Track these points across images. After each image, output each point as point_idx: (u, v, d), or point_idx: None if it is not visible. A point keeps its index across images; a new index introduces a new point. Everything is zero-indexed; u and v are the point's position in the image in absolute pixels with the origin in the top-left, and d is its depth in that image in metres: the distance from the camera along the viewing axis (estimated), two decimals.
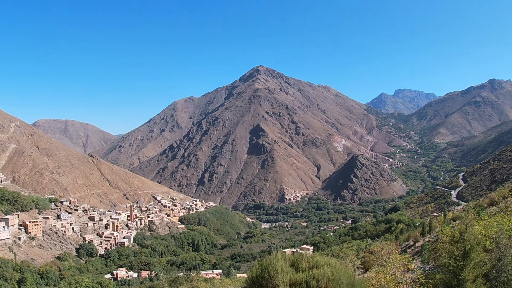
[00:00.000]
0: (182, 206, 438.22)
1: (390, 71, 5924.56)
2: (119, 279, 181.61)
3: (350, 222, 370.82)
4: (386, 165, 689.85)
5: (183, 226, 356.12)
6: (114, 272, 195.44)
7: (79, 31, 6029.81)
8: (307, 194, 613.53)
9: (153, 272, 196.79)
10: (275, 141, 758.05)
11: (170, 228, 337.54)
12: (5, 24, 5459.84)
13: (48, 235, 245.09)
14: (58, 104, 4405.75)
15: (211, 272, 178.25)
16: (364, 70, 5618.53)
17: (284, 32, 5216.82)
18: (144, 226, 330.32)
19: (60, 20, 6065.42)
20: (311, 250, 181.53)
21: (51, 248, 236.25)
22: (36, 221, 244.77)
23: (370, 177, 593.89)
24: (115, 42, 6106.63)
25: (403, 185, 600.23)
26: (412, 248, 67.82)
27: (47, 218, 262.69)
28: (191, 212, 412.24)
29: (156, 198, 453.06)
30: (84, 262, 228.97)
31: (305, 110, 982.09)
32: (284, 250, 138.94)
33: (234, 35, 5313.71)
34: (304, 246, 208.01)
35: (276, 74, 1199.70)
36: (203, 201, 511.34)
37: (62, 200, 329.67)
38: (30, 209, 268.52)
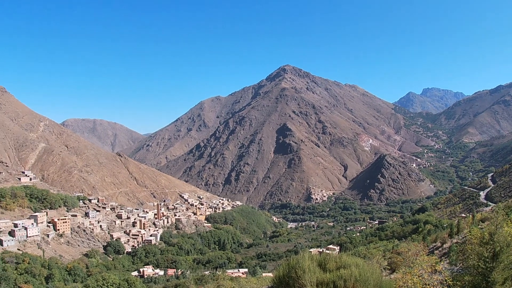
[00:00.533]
0: (209, 205, 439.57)
1: (418, 69, 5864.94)
2: (145, 276, 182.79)
3: (377, 222, 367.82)
4: (414, 165, 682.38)
5: (210, 224, 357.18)
6: (141, 269, 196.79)
7: (108, 31, 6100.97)
8: (333, 194, 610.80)
9: (179, 270, 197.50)
10: (302, 140, 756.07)
11: (196, 227, 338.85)
12: (35, 25, 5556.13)
13: (76, 232, 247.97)
14: (87, 104, 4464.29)
15: (237, 271, 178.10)
16: (392, 69, 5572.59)
17: (311, 31, 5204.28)
18: (171, 225, 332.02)
19: (90, 20, 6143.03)
20: (337, 250, 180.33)
21: (79, 245, 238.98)
22: (65, 219, 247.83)
23: (397, 177, 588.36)
24: (143, 42, 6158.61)
25: (431, 185, 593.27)
26: (440, 249, 66.76)
27: (76, 215, 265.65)
28: (217, 211, 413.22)
29: (183, 197, 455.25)
30: (111, 259, 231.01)
31: (332, 109, 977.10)
32: (310, 250, 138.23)
33: (261, 34, 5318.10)
34: (331, 246, 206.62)
35: (302, 73, 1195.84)
36: (229, 200, 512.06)
37: (90, 198, 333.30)
38: (59, 206, 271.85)
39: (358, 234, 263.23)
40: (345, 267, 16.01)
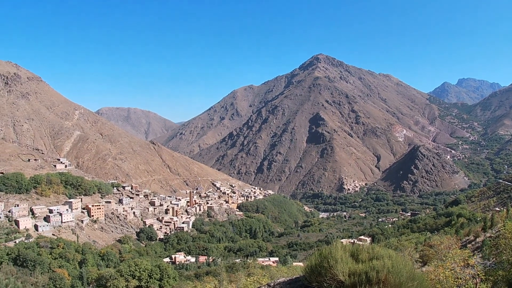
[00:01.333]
0: (241, 193, 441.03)
1: (453, 59, 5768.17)
2: (177, 263, 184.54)
3: (409, 214, 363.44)
4: (448, 156, 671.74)
5: (241, 213, 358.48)
6: (173, 256, 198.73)
7: (143, 21, 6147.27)
8: (366, 184, 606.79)
9: (210, 258, 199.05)
10: (334, 130, 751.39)
11: (228, 215, 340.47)
12: (70, 14, 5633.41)
13: (110, 218, 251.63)
14: (121, 92, 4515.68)
15: (267, 259, 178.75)
16: (427, 58, 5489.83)
17: (344, 20, 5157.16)
18: (203, 212, 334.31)
19: (123, 9, 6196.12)
20: (369, 242, 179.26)
21: (112, 231, 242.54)
22: (99, 205, 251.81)
23: (431, 168, 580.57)
24: (178, 31, 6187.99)
25: (465, 177, 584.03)
26: (473, 243, 65.61)
27: (109, 202, 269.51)
28: (249, 199, 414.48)
29: (215, 185, 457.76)
30: (144, 245, 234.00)
31: (366, 99, 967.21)
32: (341, 241, 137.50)
33: (295, 23, 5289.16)
34: (362, 237, 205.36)
35: (336, 62, 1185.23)
36: (261, 189, 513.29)
37: (124, 185, 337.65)
38: (93, 193, 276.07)
39: (390, 225, 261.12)
40: (377, 258, 15.62)
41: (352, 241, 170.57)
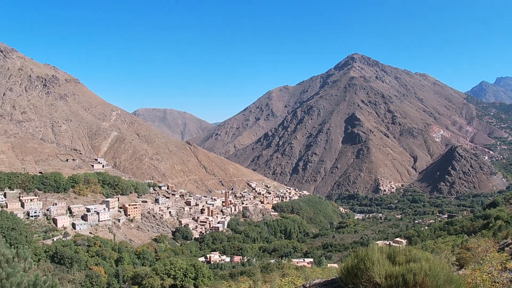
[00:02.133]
0: (276, 193, 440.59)
1: (491, 58, 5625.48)
2: (212, 262, 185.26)
3: (446, 216, 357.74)
4: (486, 157, 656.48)
5: (276, 213, 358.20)
6: (208, 255, 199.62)
7: (178, 21, 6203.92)
8: (402, 185, 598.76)
9: (245, 257, 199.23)
10: (370, 130, 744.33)
11: (263, 215, 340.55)
12: (106, 16, 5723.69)
13: (146, 217, 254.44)
14: (158, 94, 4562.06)
15: (302, 260, 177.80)
16: (464, 57, 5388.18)
17: (380, 19, 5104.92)
18: (238, 212, 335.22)
19: (159, 9, 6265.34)
20: (405, 244, 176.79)
21: (148, 230, 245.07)
22: (135, 204, 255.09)
23: (468, 169, 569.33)
24: (213, 32, 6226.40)
25: (503, 179, 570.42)
26: (510, 246, 63.70)
27: (146, 201, 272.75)
28: (284, 200, 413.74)
29: (250, 185, 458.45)
30: (179, 244, 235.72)
31: (402, 98, 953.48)
32: (377, 242, 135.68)
33: (329, 22, 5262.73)
34: (398, 239, 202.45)
35: (371, 62, 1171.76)
36: (296, 190, 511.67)
37: (160, 185, 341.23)
38: (130, 193, 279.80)
39: (426, 227, 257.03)
40: (415, 260, 15.44)
41: (388, 243, 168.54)
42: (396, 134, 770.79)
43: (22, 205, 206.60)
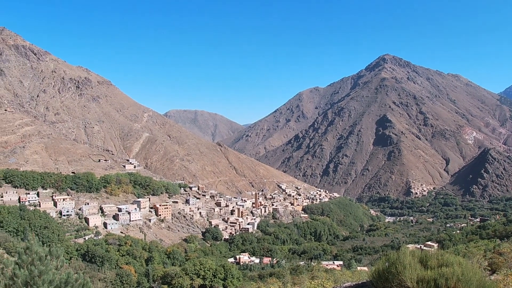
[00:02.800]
0: (306, 195, 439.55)
1: None
2: (241, 263, 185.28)
3: (478, 220, 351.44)
4: None
5: (306, 215, 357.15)
6: (237, 256, 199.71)
7: (209, 22, 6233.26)
8: (434, 188, 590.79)
9: (274, 259, 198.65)
10: (402, 132, 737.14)
11: (293, 217, 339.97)
12: (139, 18, 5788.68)
13: (176, 218, 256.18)
14: (189, 95, 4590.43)
15: (331, 263, 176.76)
16: (497, 57, 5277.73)
17: (411, 19, 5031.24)
18: (268, 214, 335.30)
19: (189, 11, 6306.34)
20: (436, 248, 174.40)
21: (178, 231, 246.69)
22: (166, 205, 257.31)
23: (502, 172, 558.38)
24: (244, 33, 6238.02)
25: None
26: None
27: (176, 202, 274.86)
28: (314, 202, 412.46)
29: (280, 187, 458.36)
30: (209, 245, 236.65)
31: (434, 100, 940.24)
32: (408, 246, 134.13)
33: (360, 23, 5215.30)
34: (429, 242, 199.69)
35: (403, 63, 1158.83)
36: (327, 192, 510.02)
37: (191, 185, 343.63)
38: (161, 193, 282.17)
39: (458, 231, 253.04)
40: (447, 265, 15.30)
41: (419, 246, 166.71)
42: (428, 136, 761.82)
43: (55, 204, 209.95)
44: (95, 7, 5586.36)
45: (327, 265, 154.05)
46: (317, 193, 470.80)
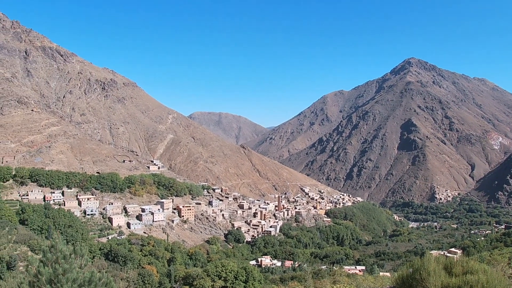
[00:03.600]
0: (329, 199, 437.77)
1: None
2: (263, 266, 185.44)
3: (503, 227, 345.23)
4: None
5: (329, 219, 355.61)
6: (259, 259, 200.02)
7: (233, 24, 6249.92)
8: (459, 194, 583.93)
9: (296, 262, 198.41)
10: (427, 137, 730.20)
11: (316, 221, 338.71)
12: (163, 21, 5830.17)
13: (199, 219, 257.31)
14: (213, 97, 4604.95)
15: (354, 267, 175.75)
16: None
17: (437, 22, 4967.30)
18: (290, 217, 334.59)
19: (214, 13, 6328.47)
20: (459, 254, 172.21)
21: (201, 232, 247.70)
22: (189, 206, 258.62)
23: None
24: (268, 34, 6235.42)
25: None
26: None
27: (199, 203, 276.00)
28: (337, 206, 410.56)
29: (303, 190, 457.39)
30: (231, 247, 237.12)
31: (460, 104, 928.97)
32: (431, 252, 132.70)
33: (385, 26, 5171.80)
34: (452, 249, 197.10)
35: (428, 66, 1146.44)
36: (350, 196, 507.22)
37: (214, 187, 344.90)
38: (184, 194, 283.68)
39: (482, 238, 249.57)
40: (472, 272, 15.29)
41: (442, 253, 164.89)
42: (453, 141, 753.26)
43: (79, 204, 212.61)
44: (122, 9, 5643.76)
45: (349, 270, 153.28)
46: (340, 197, 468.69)
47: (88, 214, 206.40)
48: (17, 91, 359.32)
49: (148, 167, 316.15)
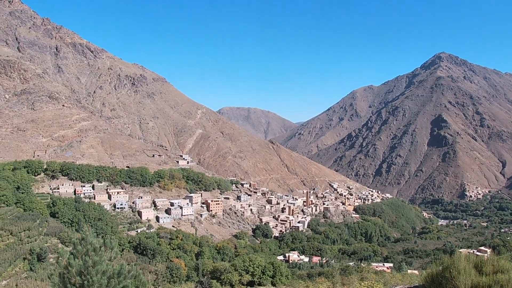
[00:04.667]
0: (358, 195, 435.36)
1: None
2: (290, 261, 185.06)
3: None
4: None
5: (358, 215, 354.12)
6: (287, 254, 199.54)
7: (263, 18, 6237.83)
8: (489, 192, 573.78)
9: (324, 258, 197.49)
10: (457, 133, 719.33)
11: (344, 217, 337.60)
12: (195, 18, 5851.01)
13: (227, 214, 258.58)
14: (242, 92, 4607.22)
15: (381, 264, 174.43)
16: None
17: (468, 16, 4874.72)
18: (319, 213, 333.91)
19: (243, 8, 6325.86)
20: (489, 253, 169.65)
21: (229, 227, 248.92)
22: (218, 201, 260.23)
23: None
24: (297, 29, 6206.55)
25: None
26: None
27: (228, 198, 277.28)
28: (366, 202, 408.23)
29: (332, 186, 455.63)
30: (259, 242, 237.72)
31: (491, 100, 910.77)
32: (460, 250, 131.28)
33: (415, 20, 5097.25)
34: (482, 248, 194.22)
35: (459, 61, 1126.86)
36: (379, 192, 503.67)
37: (242, 182, 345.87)
38: (213, 189, 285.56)
39: None
40: (502, 271, 15.18)
41: (472, 251, 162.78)
42: (484, 138, 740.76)
43: (109, 197, 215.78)
44: (152, 4, 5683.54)
45: (377, 267, 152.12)
46: (369, 193, 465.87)
47: (118, 208, 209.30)
48: (48, 86, 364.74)
49: (177, 162, 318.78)
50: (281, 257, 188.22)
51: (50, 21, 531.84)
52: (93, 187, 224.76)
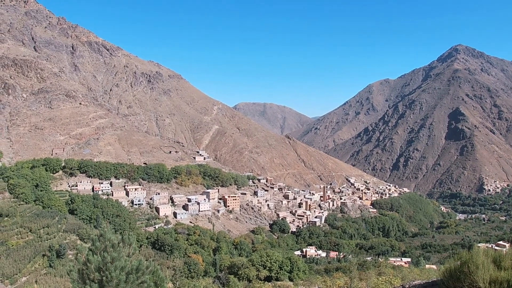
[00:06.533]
0: (375, 190, 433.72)
1: None
2: (307, 256, 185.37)
3: None
4: None
5: (375, 210, 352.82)
6: (304, 249, 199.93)
7: (276, 11, 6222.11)
8: (508, 185, 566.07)
9: (341, 253, 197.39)
10: (475, 126, 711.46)
11: (361, 212, 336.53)
12: (211, 14, 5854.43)
13: (244, 209, 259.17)
14: (258, 88, 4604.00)
15: (399, 259, 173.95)
16: None
17: (485, 8, 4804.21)
18: (336, 208, 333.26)
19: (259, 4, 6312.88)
20: (508, 247, 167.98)
21: (246, 222, 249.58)
22: (235, 196, 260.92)
23: None
24: (312, 22, 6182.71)
25: None
26: None
27: (245, 194, 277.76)
28: (383, 196, 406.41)
29: (349, 181, 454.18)
30: (276, 237, 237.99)
31: (509, 92, 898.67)
32: (479, 245, 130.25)
33: (431, 12, 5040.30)
34: (500, 242, 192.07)
35: (476, 53, 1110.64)
36: (396, 186, 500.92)
37: (259, 177, 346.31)
38: (230, 184, 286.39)
39: None
40: None
41: (490, 246, 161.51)
42: (502, 130, 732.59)
43: (127, 194, 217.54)
44: (168, 2, 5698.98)
45: (394, 262, 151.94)
46: (386, 187, 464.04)
47: (136, 204, 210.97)
48: (65, 85, 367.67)
49: (194, 158, 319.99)
50: (298, 252, 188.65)
51: (66, 20, 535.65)
52: (110, 184, 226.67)
